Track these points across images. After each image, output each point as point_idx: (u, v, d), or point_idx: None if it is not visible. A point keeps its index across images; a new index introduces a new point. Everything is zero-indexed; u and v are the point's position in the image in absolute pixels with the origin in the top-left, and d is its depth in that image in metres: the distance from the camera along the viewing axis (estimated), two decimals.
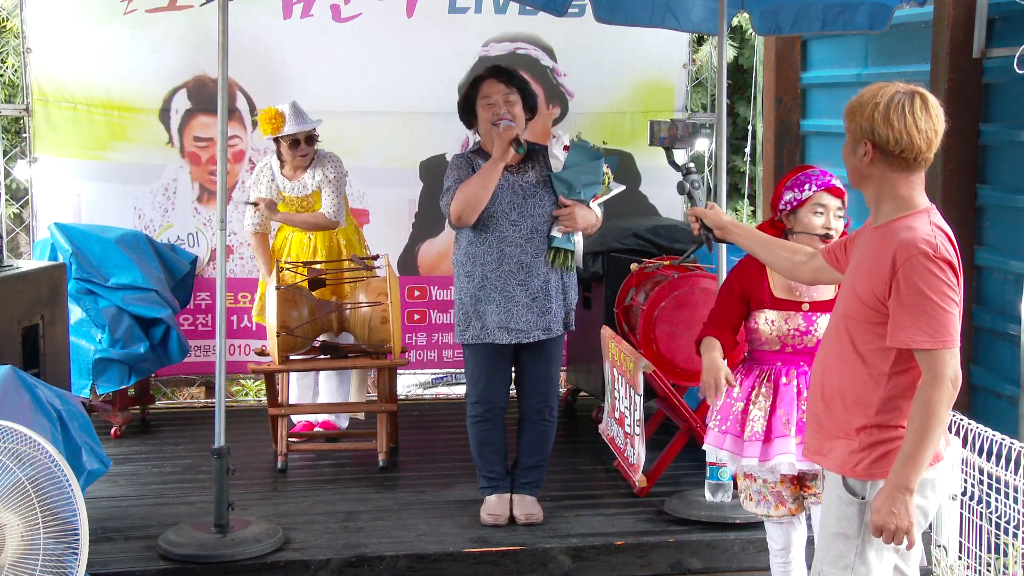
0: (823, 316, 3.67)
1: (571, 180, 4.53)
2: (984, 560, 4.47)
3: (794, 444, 3.61)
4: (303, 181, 5.67)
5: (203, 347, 6.72)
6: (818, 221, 3.70)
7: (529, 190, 4.55)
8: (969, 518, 4.57)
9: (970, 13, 5.63)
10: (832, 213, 3.71)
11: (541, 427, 4.70)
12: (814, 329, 3.69)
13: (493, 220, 4.51)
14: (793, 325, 3.71)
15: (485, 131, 4.58)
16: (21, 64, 6.55)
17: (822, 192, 3.71)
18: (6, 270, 4.94)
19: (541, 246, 4.54)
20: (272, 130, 5.56)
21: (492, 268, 4.54)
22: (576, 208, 4.55)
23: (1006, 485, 4.35)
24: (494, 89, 4.56)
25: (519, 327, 4.54)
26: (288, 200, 5.70)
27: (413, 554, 4.38)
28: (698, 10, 5.69)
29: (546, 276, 4.55)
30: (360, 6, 6.70)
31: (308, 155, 5.65)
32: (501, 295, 4.53)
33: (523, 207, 4.53)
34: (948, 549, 4.61)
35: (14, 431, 3.47)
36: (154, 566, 4.25)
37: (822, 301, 3.70)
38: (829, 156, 7.37)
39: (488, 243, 4.54)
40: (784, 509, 3.75)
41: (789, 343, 3.73)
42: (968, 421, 4.70)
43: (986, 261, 5.69)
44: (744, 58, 10.64)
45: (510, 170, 4.55)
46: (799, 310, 3.71)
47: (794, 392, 3.69)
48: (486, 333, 4.56)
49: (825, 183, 3.72)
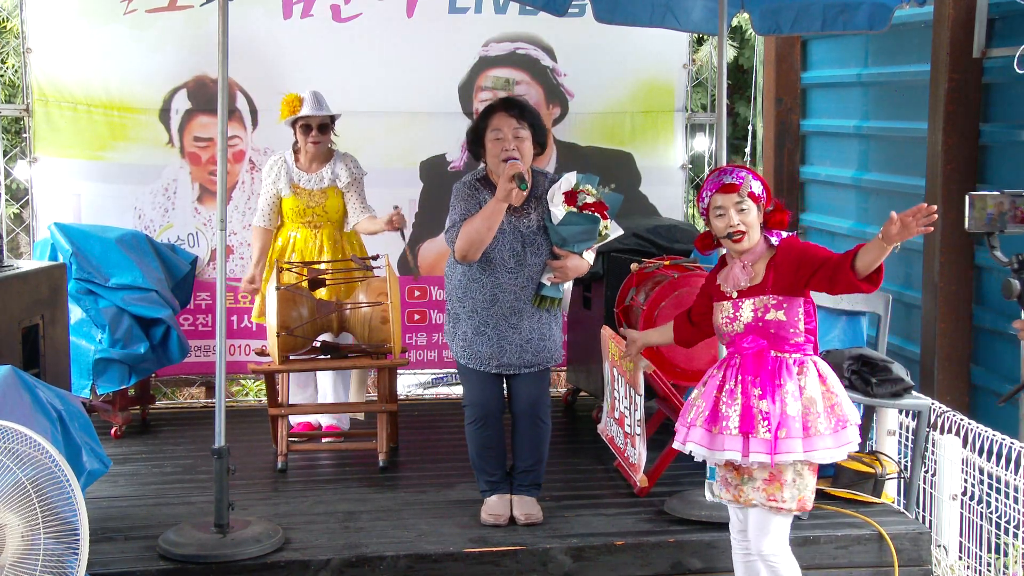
0: (747, 301, 3.74)
1: (566, 236, 4.52)
2: (984, 560, 4.48)
3: (700, 433, 3.76)
4: (320, 175, 5.69)
5: (203, 347, 6.72)
6: (720, 224, 3.77)
7: (529, 237, 4.54)
8: (969, 518, 4.58)
9: (970, 13, 5.64)
10: (732, 210, 3.74)
11: (534, 430, 4.70)
12: (740, 315, 3.76)
13: (491, 265, 4.52)
14: (725, 313, 3.81)
15: (493, 163, 4.53)
16: (21, 64, 6.56)
17: (715, 194, 3.77)
18: (6, 270, 4.94)
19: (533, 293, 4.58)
20: (290, 111, 5.62)
21: (484, 307, 4.56)
22: (568, 261, 4.55)
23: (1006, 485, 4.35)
24: (504, 123, 4.50)
25: (508, 361, 4.59)
26: (301, 192, 5.70)
27: (413, 554, 4.38)
28: (698, 10, 5.68)
29: (536, 318, 4.59)
30: (360, 6, 6.70)
31: (321, 143, 5.67)
32: (493, 331, 4.57)
33: (522, 256, 4.53)
34: (948, 549, 4.62)
35: (14, 431, 3.47)
36: (154, 566, 4.24)
37: (747, 289, 3.76)
38: (829, 156, 7.38)
39: (482, 283, 4.55)
40: (729, 495, 3.84)
41: (724, 333, 3.83)
42: (968, 421, 4.71)
43: (986, 261, 5.70)
44: (744, 58, 10.64)
45: (512, 212, 4.52)
46: (729, 298, 3.80)
47: (716, 383, 3.79)
48: (469, 359, 4.62)
49: (716, 184, 3.78)
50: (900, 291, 6.30)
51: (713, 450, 3.75)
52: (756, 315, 3.72)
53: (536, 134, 4.56)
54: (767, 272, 3.73)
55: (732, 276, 3.79)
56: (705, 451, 3.77)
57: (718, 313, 3.85)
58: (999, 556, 4.41)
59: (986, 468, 4.49)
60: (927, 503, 4.76)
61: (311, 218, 5.71)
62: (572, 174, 4.56)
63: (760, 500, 3.71)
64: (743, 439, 3.67)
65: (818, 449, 3.66)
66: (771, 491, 3.69)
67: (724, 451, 3.70)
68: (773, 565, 3.75)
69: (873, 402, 4.79)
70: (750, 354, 3.72)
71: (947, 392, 5.67)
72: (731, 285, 3.78)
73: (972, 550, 4.55)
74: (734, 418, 3.69)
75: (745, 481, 3.75)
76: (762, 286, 3.73)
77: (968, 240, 5.75)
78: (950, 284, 5.75)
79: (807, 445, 3.64)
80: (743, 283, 3.76)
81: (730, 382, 3.76)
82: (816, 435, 3.65)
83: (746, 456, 3.66)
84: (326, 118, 5.67)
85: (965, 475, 4.62)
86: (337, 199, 5.73)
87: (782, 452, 3.62)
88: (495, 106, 4.60)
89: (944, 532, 4.63)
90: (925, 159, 5.91)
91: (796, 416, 3.64)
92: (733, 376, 3.76)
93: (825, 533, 4.51)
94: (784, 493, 3.68)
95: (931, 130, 5.83)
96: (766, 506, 3.71)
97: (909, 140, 6.34)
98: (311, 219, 5.71)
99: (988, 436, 4.52)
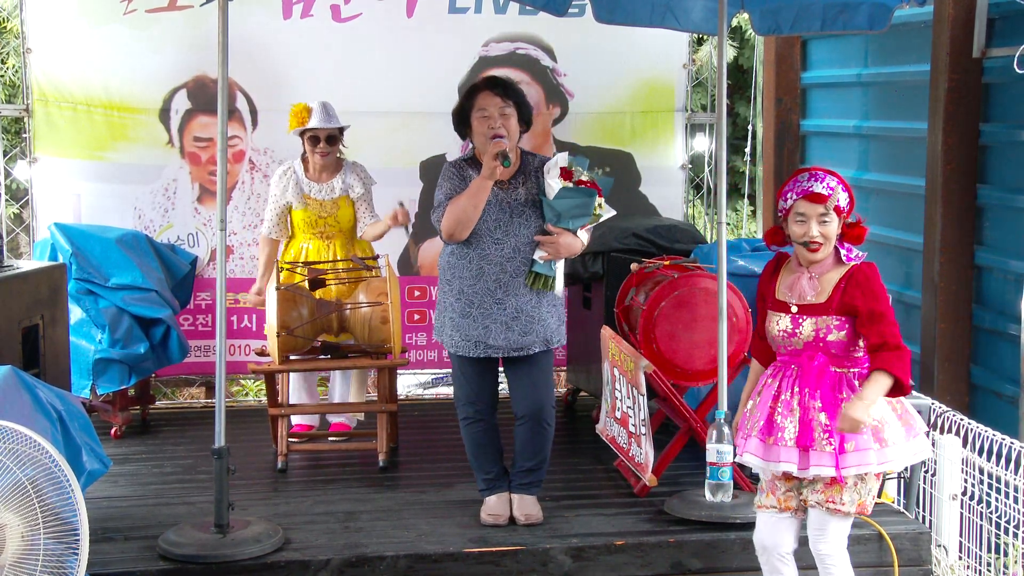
0: (809, 319, 3.68)
1: (560, 210, 4.50)
2: (984, 560, 4.48)
3: (756, 443, 3.72)
4: (331, 185, 5.67)
5: (203, 347, 6.72)
6: (799, 230, 3.71)
7: (516, 208, 4.53)
8: (969, 518, 4.58)
9: (970, 13, 5.64)
10: (814, 220, 3.68)
11: (538, 432, 4.68)
12: (800, 332, 3.70)
13: (476, 236, 4.49)
14: (782, 327, 3.74)
15: (480, 143, 4.54)
16: (21, 64, 6.56)
17: (800, 200, 3.70)
18: (6, 270, 4.94)
19: (521, 267, 4.51)
20: (298, 123, 5.60)
21: (470, 283, 4.53)
22: (561, 238, 4.50)
23: (1006, 485, 4.35)
24: (489, 102, 4.52)
25: (495, 343, 4.54)
26: (312, 203, 5.69)
27: (413, 554, 4.38)
28: (698, 10, 5.68)
29: (526, 296, 4.53)
30: (360, 6, 6.70)
31: (329, 155, 5.66)
32: (478, 311, 4.53)
33: (508, 225, 4.51)
34: (948, 549, 4.62)
35: (14, 431, 3.47)
36: (154, 566, 4.24)
37: (810, 305, 3.70)
38: (829, 156, 7.38)
39: (469, 258, 4.53)
40: (773, 499, 3.80)
41: (780, 344, 3.76)
42: (968, 421, 4.70)
43: (986, 261, 5.70)
44: (744, 58, 10.65)
45: (500, 186, 4.52)
46: (788, 312, 3.73)
47: (772, 393, 3.74)
48: (456, 346, 4.58)
49: (804, 191, 3.69)
50: (900, 291, 6.31)
51: (768, 461, 3.70)
52: (818, 335, 3.66)
53: (521, 111, 4.58)
54: (834, 292, 3.67)
55: (799, 287, 3.71)
56: (760, 462, 3.73)
57: (773, 323, 3.76)
58: (999, 556, 4.41)
59: (986, 468, 4.49)
60: (927, 503, 4.76)
61: (323, 228, 5.70)
62: (564, 154, 4.58)
63: (818, 501, 3.68)
64: (799, 452, 3.63)
65: (890, 460, 3.65)
66: (830, 494, 3.66)
67: (780, 463, 3.66)
68: (828, 567, 3.73)
69: None
70: (808, 367, 3.67)
71: (947, 392, 5.67)
72: (795, 296, 3.71)
73: (972, 550, 4.55)
74: (790, 429, 3.65)
75: (806, 486, 3.72)
76: (827, 305, 3.66)
77: (968, 240, 5.75)
78: (950, 284, 5.75)
79: (880, 457, 3.63)
80: (809, 296, 3.69)
81: (785, 393, 3.70)
82: (890, 445, 3.64)
83: (804, 469, 3.63)
84: (335, 130, 5.66)
85: (965, 475, 4.62)
86: (349, 209, 5.72)
87: (851, 465, 3.60)
88: (479, 85, 4.62)
89: (944, 532, 4.63)
90: (925, 159, 5.91)
91: (867, 429, 3.60)
92: (789, 387, 3.70)
93: None
94: (844, 496, 3.65)
95: (931, 130, 5.83)
96: (824, 507, 3.68)
97: (909, 140, 6.34)
98: (323, 230, 5.70)
99: (988, 436, 4.52)
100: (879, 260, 6.56)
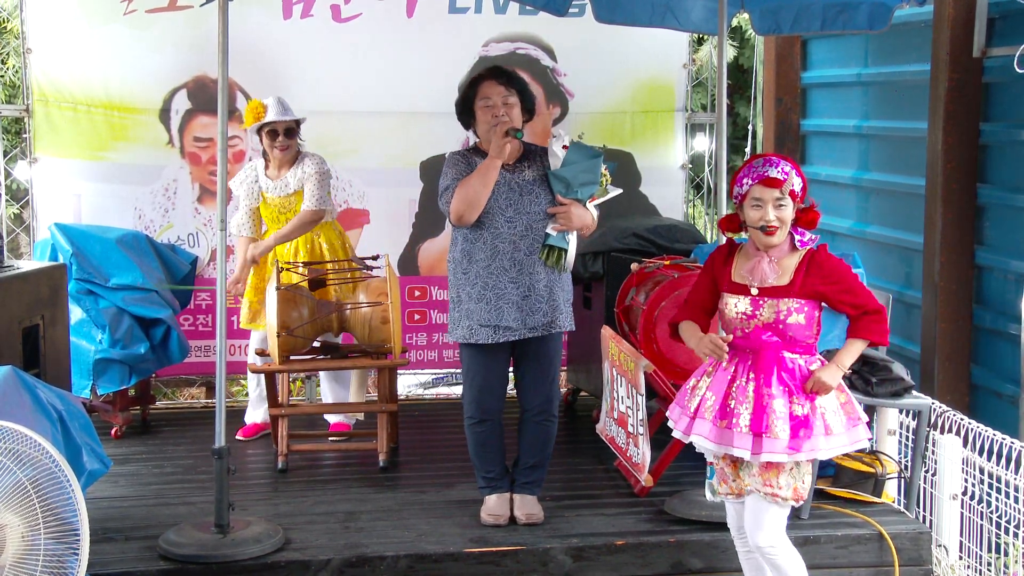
0: (769, 301, 3.70)
1: (568, 178, 4.52)
2: (985, 559, 4.48)
3: (708, 427, 3.73)
4: (285, 180, 5.69)
5: (203, 347, 6.72)
6: (755, 215, 3.72)
7: (526, 187, 4.55)
8: (970, 517, 4.58)
9: (970, 13, 5.64)
10: (770, 205, 3.69)
11: (543, 427, 4.69)
12: (759, 313, 3.71)
13: (488, 216, 4.50)
14: (741, 309, 3.75)
15: (483, 132, 4.58)
16: (21, 64, 6.56)
17: (756, 185, 3.71)
18: (6, 270, 4.94)
19: (535, 244, 4.53)
20: (254, 118, 5.62)
21: (484, 265, 4.52)
22: (572, 207, 4.53)
23: (1006, 485, 4.36)
24: (493, 91, 4.56)
25: (508, 325, 4.52)
26: (270, 201, 5.71)
27: (414, 554, 4.38)
28: (698, 10, 5.69)
29: (538, 275, 4.54)
30: (360, 6, 6.70)
31: (288, 149, 5.67)
32: (492, 292, 4.51)
33: (519, 203, 4.52)
34: (948, 549, 4.62)
35: (14, 431, 3.47)
36: (155, 566, 4.24)
37: (771, 287, 3.71)
38: (829, 156, 7.38)
39: (483, 239, 4.52)
40: (727, 487, 3.85)
41: (736, 326, 3.77)
42: (968, 421, 4.71)
43: (986, 261, 5.70)
44: (744, 58, 10.64)
45: (507, 168, 4.55)
46: (747, 294, 3.74)
47: (727, 377, 3.75)
48: (471, 333, 4.56)
49: (760, 176, 3.71)
50: (900, 291, 6.30)
51: (721, 445, 3.72)
52: (778, 316, 3.68)
53: (524, 100, 4.61)
54: (796, 275, 3.69)
55: (760, 270, 3.72)
56: (713, 446, 3.75)
57: (731, 305, 3.77)
58: (999, 556, 4.41)
59: (986, 468, 4.49)
60: (927, 503, 4.76)
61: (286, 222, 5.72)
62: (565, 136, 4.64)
63: (756, 486, 3.71)
64: (754, 437, 3.65)
65: (835, 447, 3.69)
66: (767, 477, 3.69)
67: (733, 448, 3.68)
68: (772, 558, 3.75)
69: (873, 402, 4.78)
70: (764, 352, 3.69)
71: (947, 392, 5.68)
72: (756, 279, 3.72)
73: (972, 550, 4.55)
74: (745, 416, 3.67)
75: (743, 468, 3.75)
76: (788, 288, 3.69)
77: (968, 240, 5.76)
78: (950, 284, 5.75)
79: (827, 443, 3.66)
80: (770, 279, 3.70)
81: (741, 378, 3.72)
82: (833, 433, 3.67)
83: (757, 454, 3.64)
84: (291, 122, 5.67)
85: (965, 475, 4.62)
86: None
87: (803, 451, 3.63)
88: (483, 75, 4.64)
89: (944, 532, 4.63)
90: (925, 159, 5.91)
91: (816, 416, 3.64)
92: (744, 373, 3.72)
93: (825, 533, 4.51)
94: (780, 479, 3.68)
95: (931, 130, 5.84)
96: (761, 492, 3.70)
97: (909, 140, 6.34)
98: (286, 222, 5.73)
99: (988, 436, 4.52)
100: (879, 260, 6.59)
